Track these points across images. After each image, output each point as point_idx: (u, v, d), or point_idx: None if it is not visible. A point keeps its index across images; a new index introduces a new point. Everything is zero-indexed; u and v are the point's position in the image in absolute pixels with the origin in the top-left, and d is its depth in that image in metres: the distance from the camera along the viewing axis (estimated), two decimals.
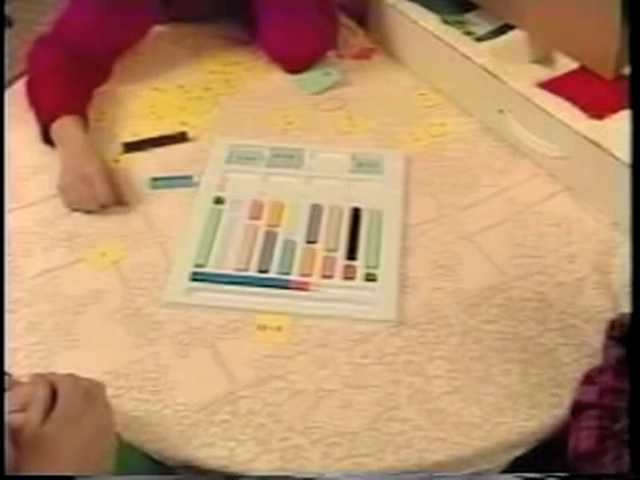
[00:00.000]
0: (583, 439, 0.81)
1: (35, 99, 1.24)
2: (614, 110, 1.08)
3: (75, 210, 1.12)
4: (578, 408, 0.85)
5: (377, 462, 0.84)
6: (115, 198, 1.12)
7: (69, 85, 1.24)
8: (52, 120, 1.18)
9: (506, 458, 0.87)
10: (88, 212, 1.12)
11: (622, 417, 0.82)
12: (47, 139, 1.20)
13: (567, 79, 1.17)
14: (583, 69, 1.17)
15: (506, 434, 0.86)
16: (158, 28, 1.39)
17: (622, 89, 0.99)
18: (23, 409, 0.68)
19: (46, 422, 0.68)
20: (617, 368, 0.85)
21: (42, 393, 0.70)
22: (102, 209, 1.12)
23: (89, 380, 0.75)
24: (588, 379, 0.87)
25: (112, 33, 1.30)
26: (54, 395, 0.70)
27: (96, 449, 0.70)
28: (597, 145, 1.05)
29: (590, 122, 1.08)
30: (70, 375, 0.74)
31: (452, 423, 0.87)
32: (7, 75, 1.44)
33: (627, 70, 1.11)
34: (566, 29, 1.16)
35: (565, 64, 1.19)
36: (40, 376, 0.73)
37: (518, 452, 0.87)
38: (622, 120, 1.04)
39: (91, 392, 0.73)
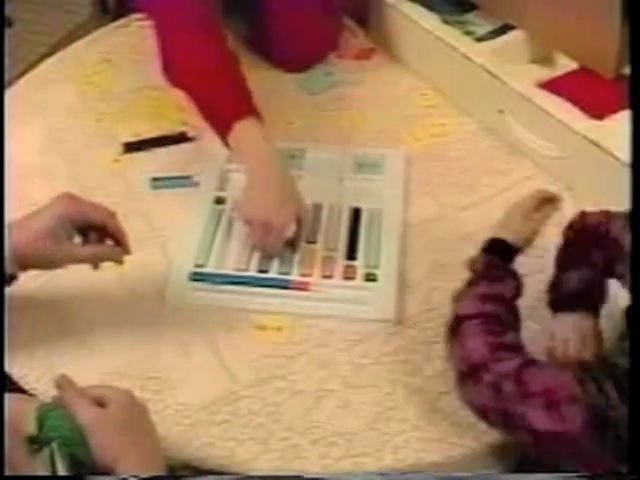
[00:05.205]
0: (473, 348, 0.76)
1: (209, 100, 1.10)
2: (614, 110, 1.08)
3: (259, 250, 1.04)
4: (458, 323, 0.80)
5: (375, 462, 0.84)
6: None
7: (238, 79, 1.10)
8: (233, 123, 1.04)
9: (504, 458, 0.87)
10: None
11: (509, 324, 0.79)
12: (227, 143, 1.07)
13: (567, 79, 1.17)
14: (583, 69, 1.17)
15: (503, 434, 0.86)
16: None
17: (622, 89, 0.99)
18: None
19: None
20: (489, 276, 0.83)
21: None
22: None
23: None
24: (461, 295, 0.83)
25: None
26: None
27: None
28: (597, 145, 1.05)
29: (590, 122, 1.09)
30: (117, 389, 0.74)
31: (450, 423, 0.87)
32: (7, 75, 1.44)
33: (627, 70, 1.11)
34: (566, 29, 1.16)
35: (565, 64, 1.19)
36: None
37: (517, 452, 0.87)
38: (622, 120, 1.04)
39: (140, 407, 0.74)
